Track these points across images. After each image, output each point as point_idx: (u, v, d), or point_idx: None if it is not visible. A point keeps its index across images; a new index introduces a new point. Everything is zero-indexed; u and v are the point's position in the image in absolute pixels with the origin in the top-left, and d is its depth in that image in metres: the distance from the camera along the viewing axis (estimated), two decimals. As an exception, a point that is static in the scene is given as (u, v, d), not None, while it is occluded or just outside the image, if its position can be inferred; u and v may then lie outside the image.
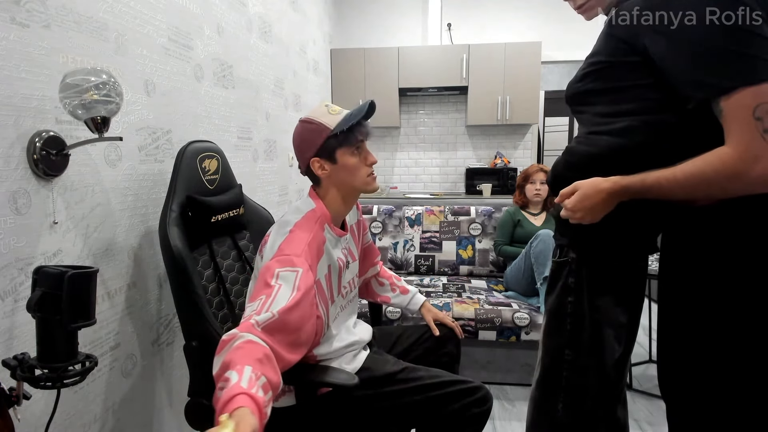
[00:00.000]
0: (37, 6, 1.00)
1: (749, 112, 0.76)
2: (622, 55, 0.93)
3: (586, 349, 1.02)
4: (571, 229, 1.01)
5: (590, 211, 0.93)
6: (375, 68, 4.03)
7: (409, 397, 1.19)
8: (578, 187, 0.95)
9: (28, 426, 0.98)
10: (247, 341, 0.86)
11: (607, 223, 0.95)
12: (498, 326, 2.27)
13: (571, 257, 1.02)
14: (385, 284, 1.62)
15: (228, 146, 1.94)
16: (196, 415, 1.19)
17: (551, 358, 1.07)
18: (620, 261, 1.01)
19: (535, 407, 1.11)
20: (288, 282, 0.99)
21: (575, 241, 1.02)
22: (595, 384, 1.03)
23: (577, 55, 4.22)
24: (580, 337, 1.02)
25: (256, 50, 2.26)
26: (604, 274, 1.01)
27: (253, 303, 0.96)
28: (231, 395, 0.73)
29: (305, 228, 1.12)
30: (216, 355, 0.86)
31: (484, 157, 4.46)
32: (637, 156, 0.92)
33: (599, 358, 1.02)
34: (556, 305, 1.05)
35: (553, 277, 1.08)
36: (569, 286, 1.02)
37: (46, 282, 0.80)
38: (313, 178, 1.24)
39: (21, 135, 0.96)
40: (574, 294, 1.02)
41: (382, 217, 2.95)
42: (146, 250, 1.38)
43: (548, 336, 1.08)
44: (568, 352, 1.03)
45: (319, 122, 1.17)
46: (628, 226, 0.98)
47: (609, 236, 0.99)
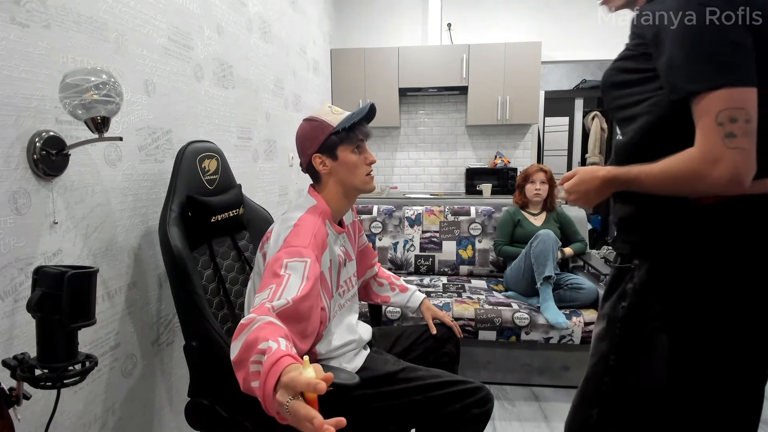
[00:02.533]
0: (37, 6, 1.00)
1: (712, 116, 0.79)
2: (643, 48, 0.94)
3: (634, 357, 0.99)
4: (636, 238, 0.99)
5: (584, 195, 0.99)
6: (375, 68, 4.03)
7: (409, 397, 1.19)
8: (577, 171, 1.00)
9: (28, 426, 0.98)
10: (269, 322, 0.85)
11: (674, 229, 0.93)
12: (498, 326, 2.27)
13: (634, 264, 0.99)
14: (384, 284, 1.62)
15: (228, 146, 1.94)
16: (196, 415, 1.19)
17: (596, 362, 1.05)
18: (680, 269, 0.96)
19: (573, 408, 1.10)
20: (297, 272, 1.00)
21: (640, 249, 0.99)
22: (635, 394, 1.00)
23: (577, 55, 4.22)
24: (629, 344, 0.99)
25: (256, 50, 2.26)
26: (667, 284, 0.96)
27: (263, 292, 0.96)
28: (278, 356, 0.73)
29: (309, 222, 1.14)
30: (234, 340, 0.85)
31: (484, 157, 4.46)
32: (658, 133, 0.91)
33: (646, 368, 0.98)
34: (612, 310, 1.03)
35: (613, 283, 1.05)
36: (626, 291, 1.00)
37: (46, 282, 0.80)
38: (313, 175, 1.26)
39: (21, 135, 0.96)
40: (630, 299, 0.99)
41: (382, 217, 2.95)
42: (146, 250, 1.38)
43: (599, 339, 1.05)
44: (613, 358, 1.01)
45: (322, 120, 1.22)
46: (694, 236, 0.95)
47: (674, 245, 0.95)
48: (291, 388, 0.67)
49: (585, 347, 2.31)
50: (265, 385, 0.71)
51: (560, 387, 2.37)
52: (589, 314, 2.27)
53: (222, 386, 1.18)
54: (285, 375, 0.70)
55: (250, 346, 0.79)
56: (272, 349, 0.75)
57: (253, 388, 0.75)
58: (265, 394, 0.71)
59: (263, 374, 0.72)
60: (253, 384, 0.75)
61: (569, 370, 2.35)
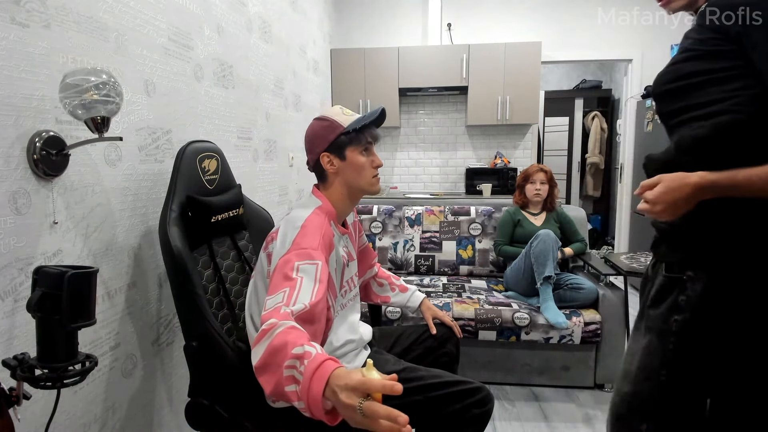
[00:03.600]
0: (37, 6, 1.00)
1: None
2: (714, 45, 0.91)
3: (685, 374, 0.97)
4: (689, 245, 0.96)
5: (672, 206, 0.89)
6: (375, 68, 4.03)
7: (409, 397, 1.19)
8: (662, 179, 0.91)
9: (28, 426, 0.98)
10: (292, 327, 0.86)
11: (736, 241, 0.91)
12: (498, 326, 2.27)
13: (688, 275, 0.96)
14: (384, 284, 1.62)
15: (228, 146, 1.94)
16: (196, 415, 1.19)
17: (647, 376, 1.02)
18: (749, 286, 0.92)
19: (618, 420, 1.07)
20: (309, 275, 1.00)
21: (694, 259, 0.96)
22: (686, 413, 0.98)
23: (577, 55, 4.23)
24: (681, 361, 0.97)
25: (256, 50, 2.26)
26: (723, 299, 0.93)
27: (275, 296, 0.96)
28: (320, 360, 0.75)
29: (316, 222, 1.14)
30: (256, 344, 0.85)
31: (484, 157, 4.46)
32: (747, 132, 0.89)
33: (698, 387, 0.97)
34: (662, 322, 1.00)
35: (661, 292, 1.01)
36: (680, 304, 0.97)
37: (46, 282, 0.80)
38: (320, 174, 1.27)
39: (21, 135, 0.96)
40: (684, 314, 0.96)
41: (382, 217, 2.95)
42: (146, 250, 1.38)
43: (649, 354, 1.02)
44: (664, 373, 0.99)
45: (333, 119, 1.23)
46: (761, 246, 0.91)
47: (739, 258, 0.92)
48: (361, 390, 0.69)
49: (585, 347, 2.31)
50: (310, 388, 0.73)
51: (560, 387, 2.37)
52: (589, 314, 2.27)
53: (222, 386, 1.18)
54: (339, 379, 0.72)
55: (277, 351, 0.80)
56: (311, 354, 0.77)
57: (288, 393, 0.77)
58: (312, 397, 0.73)
59: (306, 379, 0.74)
60: (289, 388, 0.77)
61: (569, 370, 2.35)
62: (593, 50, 4.18)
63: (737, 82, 0.90)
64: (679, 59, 0.98)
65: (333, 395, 0.71)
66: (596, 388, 2.36)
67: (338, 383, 0.71)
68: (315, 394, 0.72)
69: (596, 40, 4.16)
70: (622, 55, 4.18)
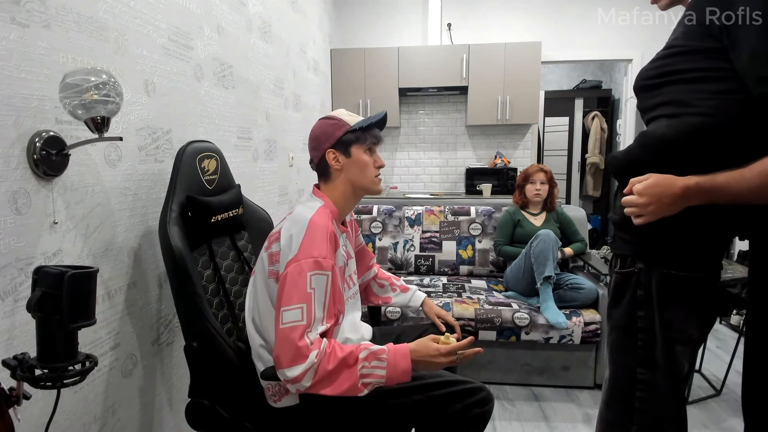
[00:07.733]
0: (37, 6, 1.00)
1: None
2: (698, 41, 0.90)
3: (660, 368, 0.97)
4: (637, 238, 0.96)
5: (657, 201, 0.88)
6: (375, 68, 4.03)
7: (410, 397, 1.19)
8: (652, 175, 0.90)
9: (28, 426, 0.98)
10: (332, 348, 1.06)
11: (677, 230, 0.91)
12: (498, 326, 2.27)
13: (638, 267, 0.97)
14: (384, 285, 1.62)
15: (228, 146, 1.94)
16: (196, 415, 1.19)
17: (622, 377, 1.02)
18: (692, 272, 0.94)
19: (607, 428, 1.07)
20: (320, 287, 1.08)
21: (642, 251, 0.97)
22: (670, 406, 0.98)
23: (577, 55, 4.23)
24: (654, 356, 0.97)
25: (256, 50, 2.26)
26: (675, 286, 0.94)
27: (292, 311, 1.05)
28: (393, 347, 1.10)
29: (321, 223, 1.15)
30: (330, 370, 1.04)
31: (484, 157, 4.46)
32: (715, 137, 0.88)
33: (674, 378, 0.97)
34: (626, 320, 1.00)
35: (618, 289, 1.02)
36: (639, 299, 0.97)
37: (46, 282, 0.80)
38: (324, 172, 1.28)
39: (21, 135, 0.96)
40: (645, 308, 0.96)
41: (382, 217, 2.95)
42: (146, 250, 1.38)
43: (618, 353, 1.03)
44: (641, 371, 0.99)
45: (340, 118, 1.26)
46: (698, 234, 0.93)
47: (679, 245, 0.93)
48: (451, 351, 1.10)
49: (585, 347, 2.31)
50: (396, 366, 1.06)
51: (560, 387, 2.37)
52: (589, 314, 2.27)
53: (222, 386, 1.19)
54: (424, 349, 1.10)
55: (349, 359, 1.05)
56: (383, 348, 1.09)
57: (369, 382, 1.05)
58: (402, 371, 1.06)
59: (391, 363, 1.06)
60: (370, 379, 1.05)
61: (569, 370, 2.35)
62: (593, 50, 4.18)
63: (717, 84, 0.88)
64: (663, 54, 0.97)
65: (422, 363, 1.09)
66: (596, 388, 2.36)
67: (429, 353, 1.09)
68: (404, 368, 1.06)
69: (596, 40, 4.16)
70: (622, 55, 4.18)
